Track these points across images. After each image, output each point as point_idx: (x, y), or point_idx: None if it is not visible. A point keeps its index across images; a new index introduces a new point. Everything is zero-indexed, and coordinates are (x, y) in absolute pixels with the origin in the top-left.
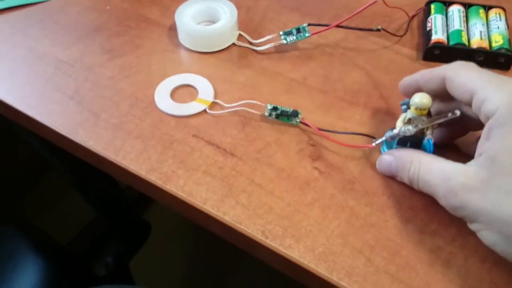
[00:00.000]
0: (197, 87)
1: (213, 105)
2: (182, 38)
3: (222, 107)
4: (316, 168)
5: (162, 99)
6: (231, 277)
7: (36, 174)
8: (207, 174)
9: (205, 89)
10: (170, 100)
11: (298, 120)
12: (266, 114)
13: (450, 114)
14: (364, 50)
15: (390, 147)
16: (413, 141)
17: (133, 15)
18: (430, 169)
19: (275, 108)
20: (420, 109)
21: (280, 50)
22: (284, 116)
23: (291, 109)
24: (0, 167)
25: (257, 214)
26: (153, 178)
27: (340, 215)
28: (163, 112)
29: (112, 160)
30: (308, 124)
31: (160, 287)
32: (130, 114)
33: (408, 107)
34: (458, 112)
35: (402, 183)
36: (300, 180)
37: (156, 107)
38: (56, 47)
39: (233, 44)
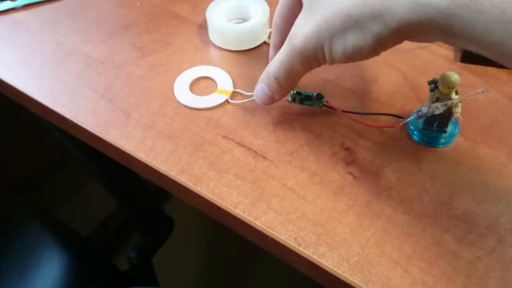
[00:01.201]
0: (215, 79)
1: (234, 95)
2: (213, 36)
3: (244, 96)
4: (350, 173)
5: (181, 92)
6: (252, 272)
7: (57, 165)
8: (238, 176)
9: (224, 80)
10: (190, 93)
11: (322, 104)
12: (290, 99)
13: (479, 91)
14: (399, 50)
15: (417, 127)
16: (440, 120)
17: (163, 11)
18: (281, 49)
19: (298, 93)
20: (448, 88)
21: None
22: (308, 100)
23: (315, 93)
24: (20, 160)
25: (289, 220)
26: (184, 179)
27: (376, 223)
28: (184, 106)
29: (143, 160)
30: (333, 107)
31: (180, 282)
32: (161, 114)
33: (436, 86)
34: (487, 90)
35: (439, 191)
36: (333, 185)
37: (179, 102)
38: (86, 43)
39: (264, 42)
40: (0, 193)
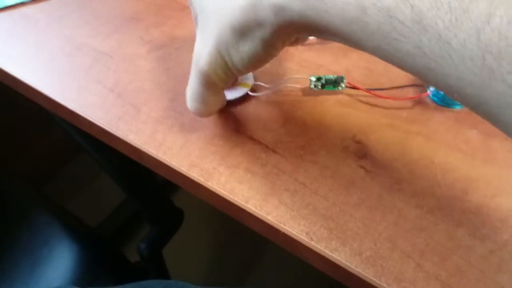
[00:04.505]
0: None
1: (255, 88)
2: None
3: (264, 89)
4: (362, 167)
5: None
6: (262, 263)
7: (65, 157)
8: (249, 171)
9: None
10: None
11: (344, 85)
12: (311, 86)
13: None
14: None
15: (439, 95)
16: None
17: (170, 3)
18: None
19: (319, 79)
20: None
21: (321, 41)
22: (329, 84)
23: (335, 76)
24: (29, 151)
25: (301, 215)
26: (195, 174)
27: (388, 217)
28: None
29: (153, 155)
30: (356, 86)
31: (190, 273)
32: (171, 109)
33: None
34: None
35: (452, 184)
36: (345, 179)
37: None
38: (94, 37)
39: None
40: (10, 185)
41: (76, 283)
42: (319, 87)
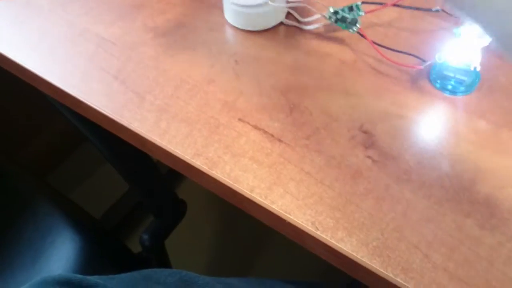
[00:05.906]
0: None
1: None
2: (228, 16)
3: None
4: (369, 157)
5: None
6: (264, 254)
7: (69, 148)
8: (254, 160)
9: None
10: None
11: (355, 30)
12: (327, 16)
13: None
14: (420, 31)
15: (439, 72)
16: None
17: None
18: None
19: (335, 12)
20: None
21: (330, 29)
22: (342, 22)
23: (352, 17)
24: (32, 142)
25: (306, 204)
26: (199, 163)
27: (396, 207)
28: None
29: (157, 143)
30: (365, 35)
31: (192, 264)
32: (175, 96)
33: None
34: None
35: (461, 175)
36: (351, 169)
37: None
38: (98, 24)
39: (281, 22)
40: (14, 174)
41: (78, 273)
42: (333, 21)
